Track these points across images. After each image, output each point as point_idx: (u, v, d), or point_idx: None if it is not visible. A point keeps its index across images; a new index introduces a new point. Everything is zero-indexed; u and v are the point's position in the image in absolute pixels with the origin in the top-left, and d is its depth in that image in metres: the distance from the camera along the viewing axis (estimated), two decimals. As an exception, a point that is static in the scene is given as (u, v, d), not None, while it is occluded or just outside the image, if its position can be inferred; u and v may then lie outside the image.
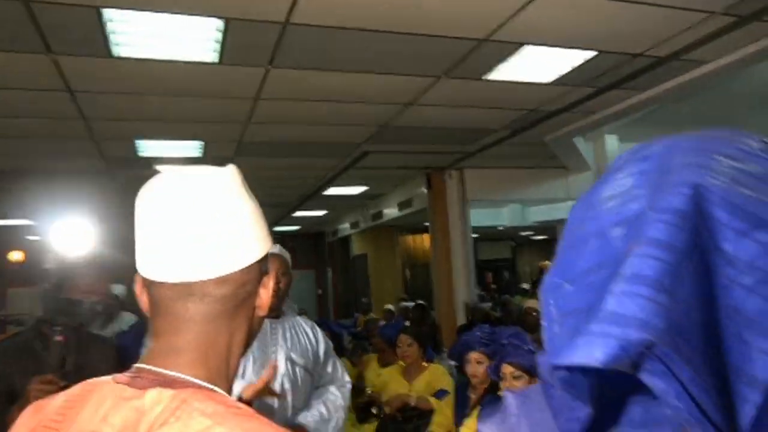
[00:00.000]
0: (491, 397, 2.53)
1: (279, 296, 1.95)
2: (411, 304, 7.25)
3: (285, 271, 1.98)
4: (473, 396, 2.75)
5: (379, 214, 8.99)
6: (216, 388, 0.73)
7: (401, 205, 7.90)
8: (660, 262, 0.44)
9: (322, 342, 2.06)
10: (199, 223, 0.76)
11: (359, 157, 5.86)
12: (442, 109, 4.66)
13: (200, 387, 0.72)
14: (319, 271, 13.16)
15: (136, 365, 0.75)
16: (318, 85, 3.93)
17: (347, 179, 6.89)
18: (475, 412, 2.52)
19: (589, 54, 3.65)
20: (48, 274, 1.86)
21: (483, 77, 3.94)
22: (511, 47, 3.47)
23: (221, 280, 0.76)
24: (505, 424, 0.54)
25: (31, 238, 6.71)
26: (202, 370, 0.74)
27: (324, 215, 10.82)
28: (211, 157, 5.72)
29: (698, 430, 0.42)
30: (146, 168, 6.00)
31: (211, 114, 4.44)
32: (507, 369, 2.22)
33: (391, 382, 3.62)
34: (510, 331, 2.41)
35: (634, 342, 0.41)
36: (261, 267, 0.82)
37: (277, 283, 1.31)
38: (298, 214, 9.86)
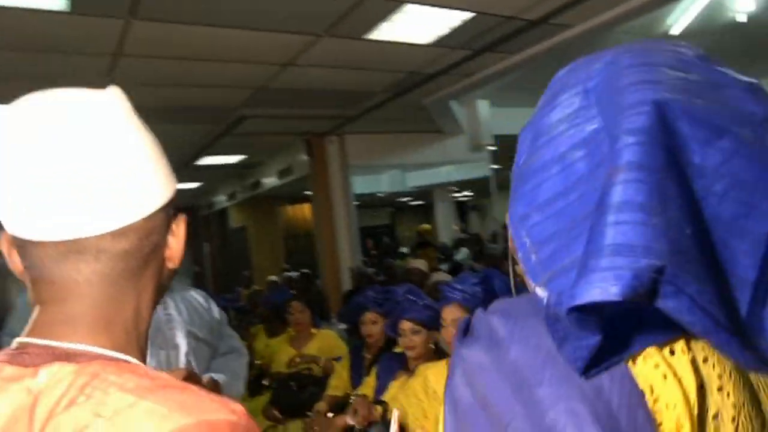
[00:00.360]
0: (387, 355, 2.53)
1: None
2: (295, 273, 7.13)
3: None
4: (368, 356, 2.74)
5: (258, 184, 8.65)
6: (130, 359, 0.60)
7: (281, 173, 7.67)
8: (642, 184, 0.44)
9: (216, 312, 1.92)
10: (82, 161, 0.58)
11: (235, 123, 5.57)
12: (323, 70, 4.51)
13: (110, 358, 0.58)
14: (194, 248, 12.54)
15: (18, 340, 0.60)
16: (187, 41, 3.62)
17: (223, 147, 6.55)
18: (373, 371, 2.51)
19: (467, 15, 3.70)
20: None
21: (364, 37, 3.86)
22: (392, 5, 3.42)
23: (119, 233, 0.61)
24: (498, 349, 0.49)
25: None
26: (107, 340, 0.60)
27: (197, 187, 10.26)
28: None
29: (713, 338, 0.43)
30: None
31: (63, 73, 3.93)
32: (405, 325, 2.22)
33: (280, 352, 3.53)
34: (405, 288, 2.42)
35: (644, 268, 0.42)
36: (167, 211, 0.67)
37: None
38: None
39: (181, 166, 7.49)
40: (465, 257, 7.88)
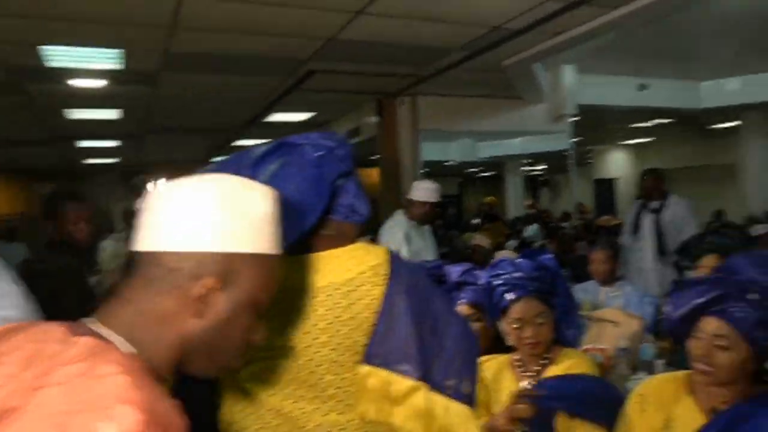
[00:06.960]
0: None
1: None
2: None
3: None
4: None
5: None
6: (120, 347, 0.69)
7: (349, 134, 7.34)
8: None
9: None
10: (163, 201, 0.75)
11: (304, 77, 4.52)
12: (396, 21, 4.01)
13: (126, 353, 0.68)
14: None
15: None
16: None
17: (291, 103, 5.12)
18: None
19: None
20: None
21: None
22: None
23: (150, 256, 0.73)
24: None
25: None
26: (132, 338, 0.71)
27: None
28: (134, 70, 4.37)
29: None
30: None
31: (130, 14, 3.65)
32: (463, 309, 1.96)
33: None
34: (462, 268, 2.10)
35: None
36: (208, 267, 0.71)
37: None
38: (239, 143, 7.45)
39: (249, 123, 6.77)
40: (534, 234, 7.89)
